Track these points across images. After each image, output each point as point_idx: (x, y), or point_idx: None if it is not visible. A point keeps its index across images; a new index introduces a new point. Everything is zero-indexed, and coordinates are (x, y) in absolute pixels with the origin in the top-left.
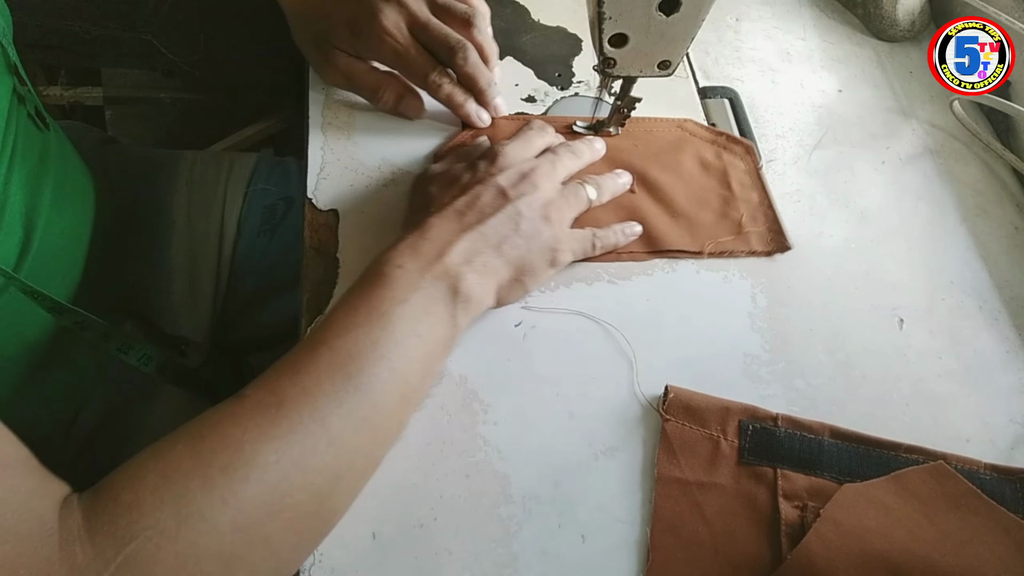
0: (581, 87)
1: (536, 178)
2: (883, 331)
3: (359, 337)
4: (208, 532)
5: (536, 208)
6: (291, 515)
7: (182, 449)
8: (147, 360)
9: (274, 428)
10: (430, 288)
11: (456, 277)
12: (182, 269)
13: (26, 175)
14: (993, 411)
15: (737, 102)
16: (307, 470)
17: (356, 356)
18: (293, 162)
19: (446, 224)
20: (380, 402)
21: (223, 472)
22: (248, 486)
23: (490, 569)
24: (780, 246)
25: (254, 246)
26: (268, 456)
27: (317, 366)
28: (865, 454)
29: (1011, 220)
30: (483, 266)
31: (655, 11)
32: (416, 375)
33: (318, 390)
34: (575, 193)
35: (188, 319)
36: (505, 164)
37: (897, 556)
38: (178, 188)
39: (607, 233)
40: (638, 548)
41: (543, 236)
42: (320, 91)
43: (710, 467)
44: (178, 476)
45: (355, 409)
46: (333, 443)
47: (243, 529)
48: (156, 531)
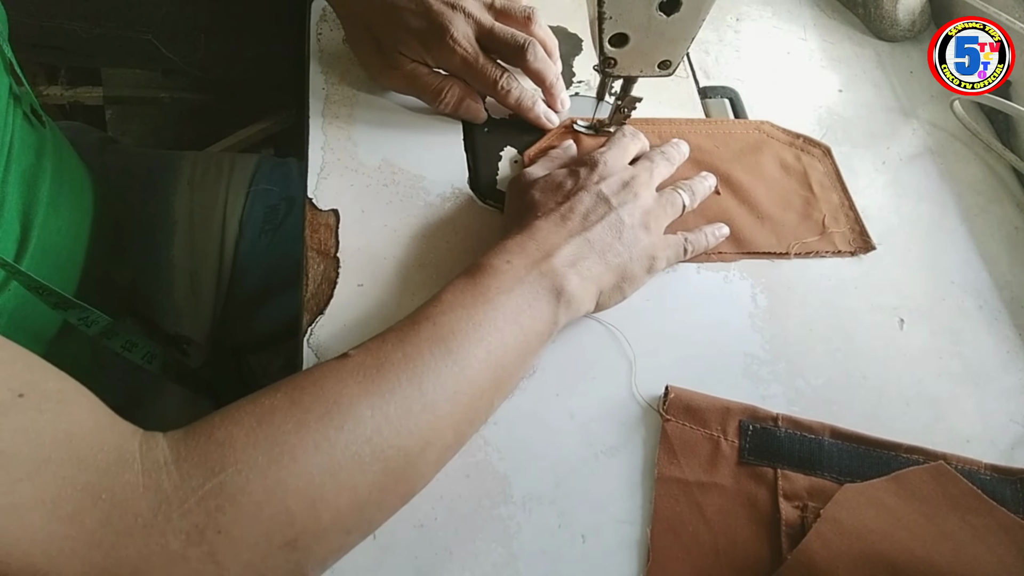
0: (581, 87)
1: (636, 187)
2: (883, 331)
3: (462, 317)
4: (298, 472)
5: (637, 216)
6: (379, 469)
7: (281, 397)
8: (150, 358)
9: (373, 386)
10: (536, 284)
11: (561, 277)
12: (183, 269)
13: (22, 173)
14: (993, 411)
15: (737, 102)
16: (400, 430)
17: (457, 333)
18: (294, 162)
19: (552, 228)
20: (475, 380)
21: (319, 419)
22: (342, 434)
23: (490, 569)
24: (865, 246)
25: (256, 246)
26: (364, 410)
27: (419, 337)
28: (865, 454)
29: (1011, 220)
30: (587, 270)
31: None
32: (512, 363)
33: (419, 358)
34: (671, 201)
35: (189, 318)
36: (606, 172)
37: (897, 556)
38: (180, 189)
39: (698, 236)
40: (638, 548)
41: (643, 244)
42: (320, 91)
43: (710, 467)
44: (274, 419)
45: (451, 382)
46: (427, 409)
47: (332, 474)
48: (247, 465)
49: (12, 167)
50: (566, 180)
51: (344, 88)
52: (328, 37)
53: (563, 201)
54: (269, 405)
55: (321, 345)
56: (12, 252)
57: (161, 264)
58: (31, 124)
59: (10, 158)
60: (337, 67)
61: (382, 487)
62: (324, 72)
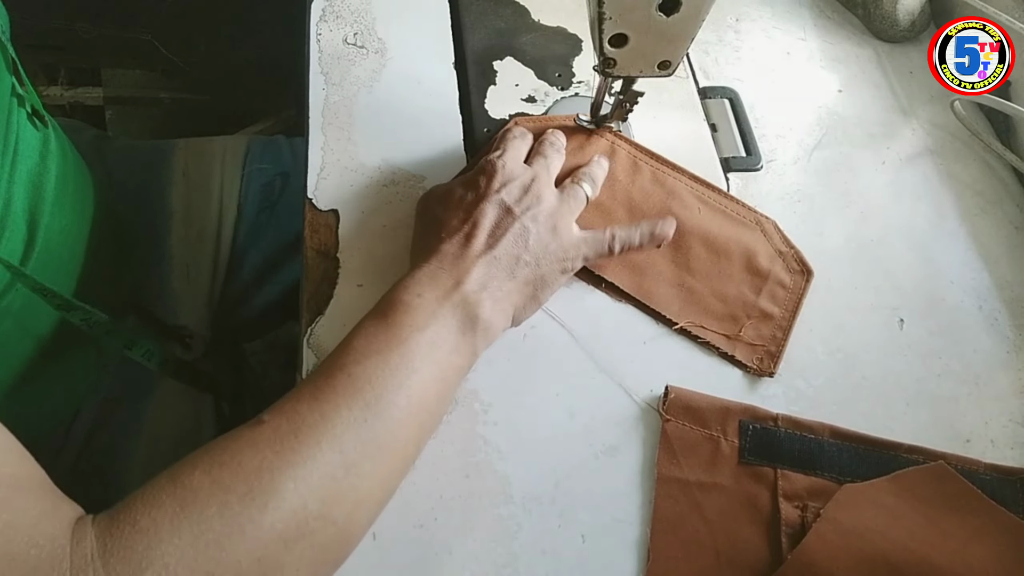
0: (581, 87)
1: (538, 189)
2: (883, 331)
3: (378, 363)
4: (225, 561)
5: (542, 221)
6: (307, 544)
7: (200, 476)
8: (149, 356)
9: (292, 455)
10: (449, 317)
11: (474, 305)
12: (181, 258)
13: (27, 174)
14: (993, 411)
15: (737, 102)
16: (325, 498)
17: (374, 382)
18: (283, 139)
19: (458, 250)
20: (397, 429)
21: (241, 500)
22: (266, 514)
23: (490, 569)
24: (764, 370)
25: (255, 225)
26: (286, 483)
27: (335, 392)
28: (865, 454)
29: (1011, 220)
30: (498, 290)
31: (655, 11)
32: (433, 402)
33: (336, 416)
34: (573, 195)
35: (188, 308)
36: (505, 178)
37: (897, 556)
38: (175, 178)
39: (629, 232)
40: (638, 548)
41: (552, 249)
42: (320, 91)
43: (710, 467)
44: (197, 502)
45: (373, 436)
46: (351, 471)
47: (259, 559)
48: (174, 558)
49: (18, 168)
50: (466, 193)
51: (344, 89)
52: (328, 37)
53: (466, 218)
54: (190, 486)
55: (321, 345)
56: (19, 253)
57: (159, 255)
58: (34, 125)
59: (16, 159)
60: (337, 67)
61: (312, 560)
62: (324, 72)
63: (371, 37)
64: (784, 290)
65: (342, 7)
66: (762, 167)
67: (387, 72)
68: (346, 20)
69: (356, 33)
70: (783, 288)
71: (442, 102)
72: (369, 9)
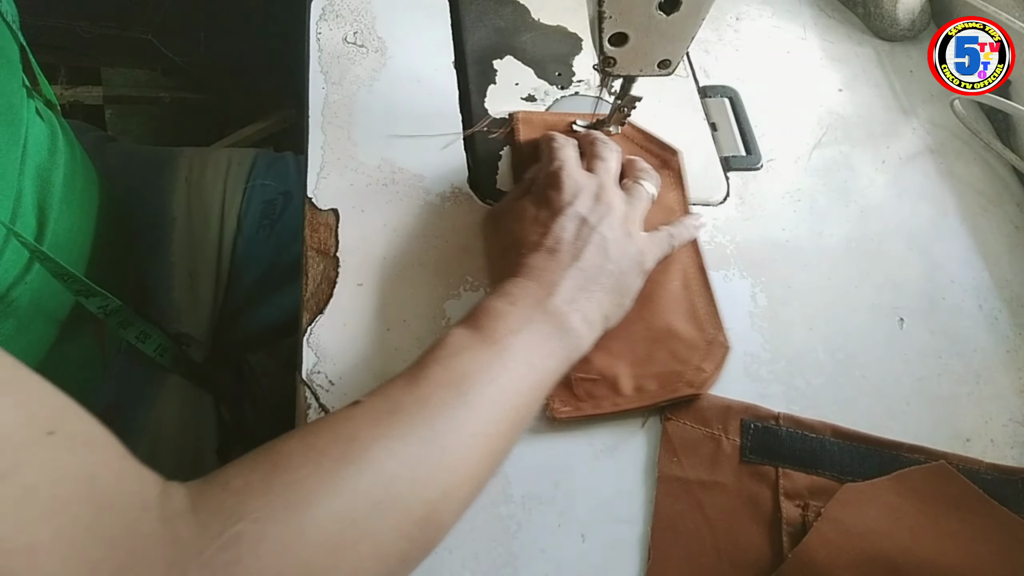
0: (581, 86)
1: (606, 196)
2: (883, 331)
3: (472, 358)
4: (316, 519)
5: (616, 228)
6: (400, 517)
7: (295, 442)
8: (162, 351)
9: (388, 430)
10: (542, 323)
11: (565, 315)
12: (182, 266)
13: (37, 167)
14: (993, 411)
15: (737, 101)
16: (417, 475)
17: (469, 375)
18: (291, 157)
19: (544, 263)
20: (489, 422)
21: (335, 462)
22: (360, 478)
23: (490, 569)
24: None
25: (254, 241)
26: (380, 454)
27: (429, 381)
28: (866, 453)
29: (1012, 219)
30: (588, 301)
31: (655, 10)
32: (525, 404)
33: (431, 402)
34: (639, 196)
35: (189, 316)
36: (574, 189)
37: (898, 555)
38: (177, 186)
39: (680, 229)
40: (638, 547)
41: (630, 253)
42: (320, 91)
43: (711, 466)
44: (291, 463)
45: (465, 424)
46: (444, 453)
47: (352, 521)
48: (264, 513)
49: (28, 161)
50: (540, 209)
51: (344, 88)
52: (328, 36)
53: (545, 233)
54: (284, 450)
55: (321, 345)
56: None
57: (160, 261)
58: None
59: (25, 152)
60: (337, 66)
61: (404, 535)
62: (324, 72)
63: (371, 36)
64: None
65: (342, 6)
66: (762, 166)
67: (387, 71)
68: (346, 19)
69: (356, 32)
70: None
71: (442, 101)
72: (369, 8)
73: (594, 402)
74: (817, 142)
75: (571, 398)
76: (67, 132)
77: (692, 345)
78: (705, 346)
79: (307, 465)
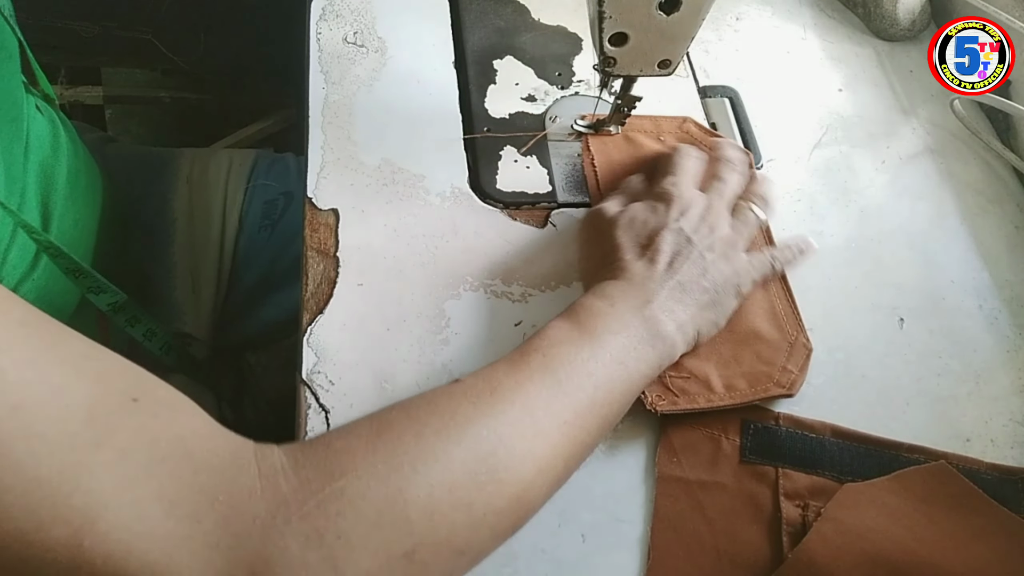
0: (581, 86)
1: (713, 219)
2: (883, 331)
3: (571, 351)
4: (417, 483)
5: (717, 249)
6: (494, 490)
7: (397, 412)
8: (167, 348)
9: (488, 407)
10: (640, 328)
11: (662, 323)
12: (183, 266)
13: (40, 164)
14: (993, 411)
15: (737, 101)
16: (514, 453)
17: (567, 366)
18: (292, 158)
19: (644, 272)
20: (583, 412)
21: (436, 433)
22: (460, 449)
23: (490, 569)
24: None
25: (255, 241)
26: (479, 429)
27: (529, 367)
28: (866, 453)
29: (1011, 219)
30: (683, 314)
31: (655, 10)
32: (616, 401)
33: (530, 385)
34: (746, 221)
35: (190, 316)
36: (683, 206)
37: (898, 556)
38: (179, 187)
39: (783, 252)
40: (638, 547)
41: (727, 275)
42: (320, 91)
43: (711, 466)
44: (392, 431)
45: (561, 412)
46: (539, 435)
47: (450, 488)
48: (367, 472)
49: (30, 157)
50: (647, 218)
51: (344, 88)
52: (328, 36)
53: (648, 244)
54: (386, 419)
55: (321, 345)
56: (33, 246)
57: (162, 262)
58: (43, 114)
59: (28, 147)
60: (337, 66)
61: (496, 510)
62: (324, 72)
63: (371, 36)
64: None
65: (342, 6)
66: (762, 166)
67: (387, 71)
68: (346, 19)
69: (356, 32)
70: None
71: (442, 101)
72: (369, 8)
73: (688, 397)
74: (817, 142)
75: (667, 392)
76: (68, 128)
77: (775, 346)
78: (788, 347)
79: (408, 433)
